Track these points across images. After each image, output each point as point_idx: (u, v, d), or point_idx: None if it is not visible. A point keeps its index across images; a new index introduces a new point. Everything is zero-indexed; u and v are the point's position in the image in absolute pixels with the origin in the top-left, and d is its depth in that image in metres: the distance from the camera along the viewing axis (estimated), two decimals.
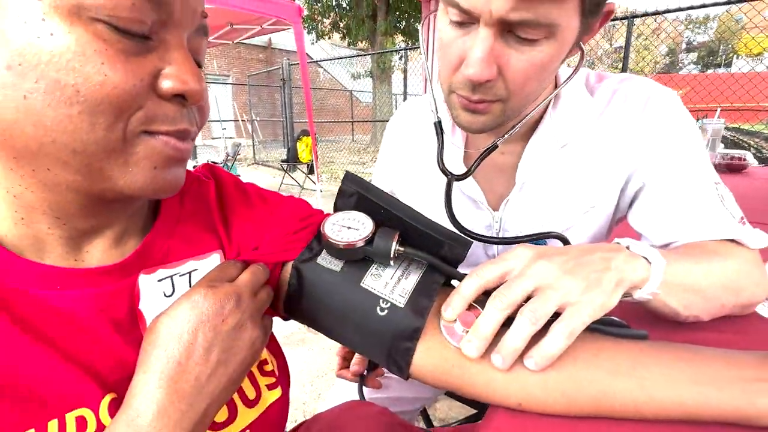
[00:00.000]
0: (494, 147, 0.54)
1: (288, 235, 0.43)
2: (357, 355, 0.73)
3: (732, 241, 0.49)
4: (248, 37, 5.05)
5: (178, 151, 0.32)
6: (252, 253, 0.42)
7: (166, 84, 0.29)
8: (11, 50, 0.25)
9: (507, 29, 0.41)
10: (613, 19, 4.20)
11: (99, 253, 0.35)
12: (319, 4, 10.78)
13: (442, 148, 0.55)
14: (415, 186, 0.72)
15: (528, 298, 0.36)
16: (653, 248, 0.41)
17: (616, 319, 0.39)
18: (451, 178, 0.54)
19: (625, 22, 3.85)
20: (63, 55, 0.25)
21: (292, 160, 5.40)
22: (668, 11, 3.56)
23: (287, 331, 2.01)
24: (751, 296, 0.48)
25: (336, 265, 0.41)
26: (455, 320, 0.37)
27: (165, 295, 0.37)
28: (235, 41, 5.24)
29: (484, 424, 0.36)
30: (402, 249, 0.39)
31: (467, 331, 0.37)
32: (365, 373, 0.70)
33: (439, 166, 0.55)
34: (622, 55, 3.82)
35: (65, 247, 0.33)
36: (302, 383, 1.65)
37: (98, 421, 0.30)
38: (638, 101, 0.56)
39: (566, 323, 0.34)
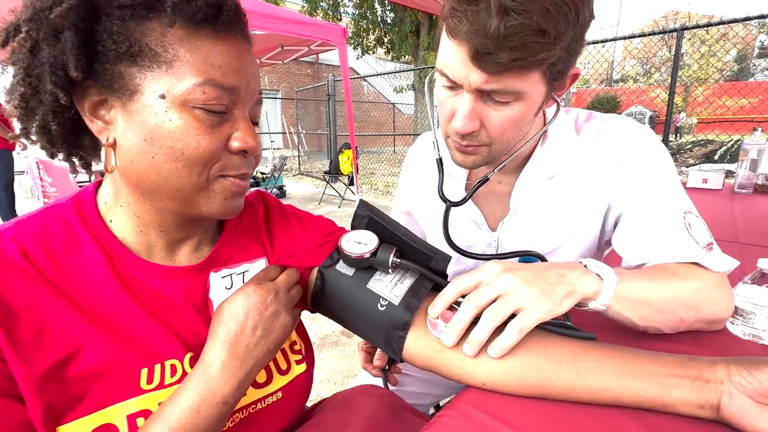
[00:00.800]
0: (485, 179, 0.65)
1: (315, 247, 0.57)
2: (378, 351, 0.84)
3: (696, 264, 0.56)
4: (297, 58, 5.41)
5: (240, 188, 0.46)
6: (288, 259, 0.56)
7: (235, 144, 0.44)
8: (147, 129, 0.40)
9: (485, 94, 0.53)
10: (662, 32, 4.10)
11: (185, 256, 0.50)
12: (365, 21, 11.20)
13: (443, 180, 0.67)
14: (425, 210, 0.84)
15: (494, 302, 0.46)
16: (608, 267, 0.50)
17: (569, 323, 0.49)
18: (449, 205, 0.65)
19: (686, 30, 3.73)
20: (176, 131, 0.40)
21: (333, 172, 5.67)
22: (721, 23, 3.42)
23: (322, 333, 2.16)
24: (712, 313, 0.54)
25: (349, 271, 0.54)
26: (438, 317, 0.49)
27: (226, 288, 0.51)
28: (284, 61, 5.62)
29: (458, 397, 0.47)
30: (398, 260, 0.51)
31: (446, 326, 0.48)
32: (387, 367, 0.82)
33: (439, 194, 0.66)
34: (681, 63, 3.71)
35: (165, 252, 0.48)
36: (334, 382, 1.79)
37: (183, 369, 0.44)
38: (617, 139, 0.64)
39: (518, 322, 0.44)
